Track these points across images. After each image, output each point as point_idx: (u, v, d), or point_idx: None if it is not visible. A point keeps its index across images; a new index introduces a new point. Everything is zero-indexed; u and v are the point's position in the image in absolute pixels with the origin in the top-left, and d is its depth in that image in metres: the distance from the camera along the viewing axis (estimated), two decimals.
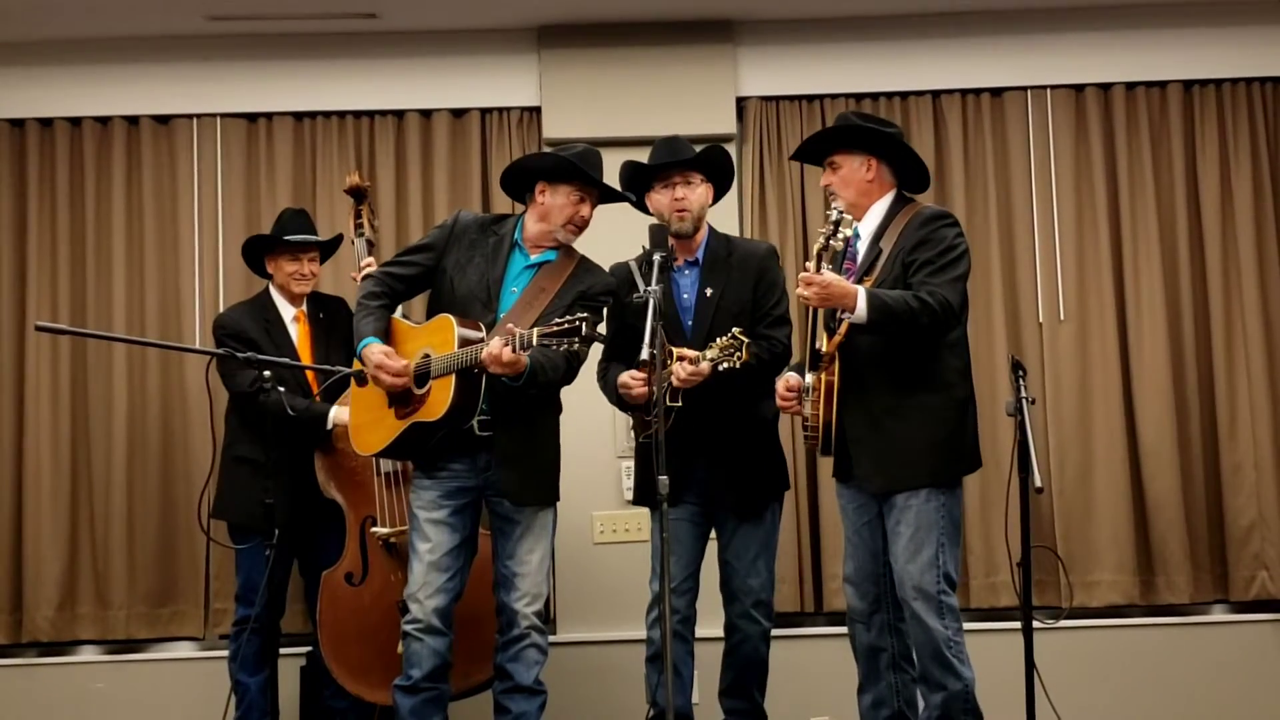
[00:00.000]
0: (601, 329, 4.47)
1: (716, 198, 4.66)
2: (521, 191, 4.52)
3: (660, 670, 4.41)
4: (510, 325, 4.12)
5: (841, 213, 4.00)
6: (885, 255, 4.12)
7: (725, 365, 4.16)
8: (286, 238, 5.07)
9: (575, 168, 4.36)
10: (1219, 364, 5.72)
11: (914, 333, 4.01)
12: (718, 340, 4.18)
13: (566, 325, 3.91)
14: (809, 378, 4.14)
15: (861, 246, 4.21)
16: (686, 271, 4.55)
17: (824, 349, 4.11)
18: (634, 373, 4.36)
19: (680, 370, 4.24)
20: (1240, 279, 5.74)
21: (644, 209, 4.63)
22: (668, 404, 4.27)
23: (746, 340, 4.14)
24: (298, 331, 5.09)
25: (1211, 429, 5.73)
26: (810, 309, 4.11)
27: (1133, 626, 5.63)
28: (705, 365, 4.22)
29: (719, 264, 4.52)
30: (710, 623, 4.67)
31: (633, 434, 4.63)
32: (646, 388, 4.27)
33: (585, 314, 3.94)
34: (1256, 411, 5.68)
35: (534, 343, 3.98)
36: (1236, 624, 5.65)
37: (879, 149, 4.22)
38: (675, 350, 4.30)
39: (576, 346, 3.94)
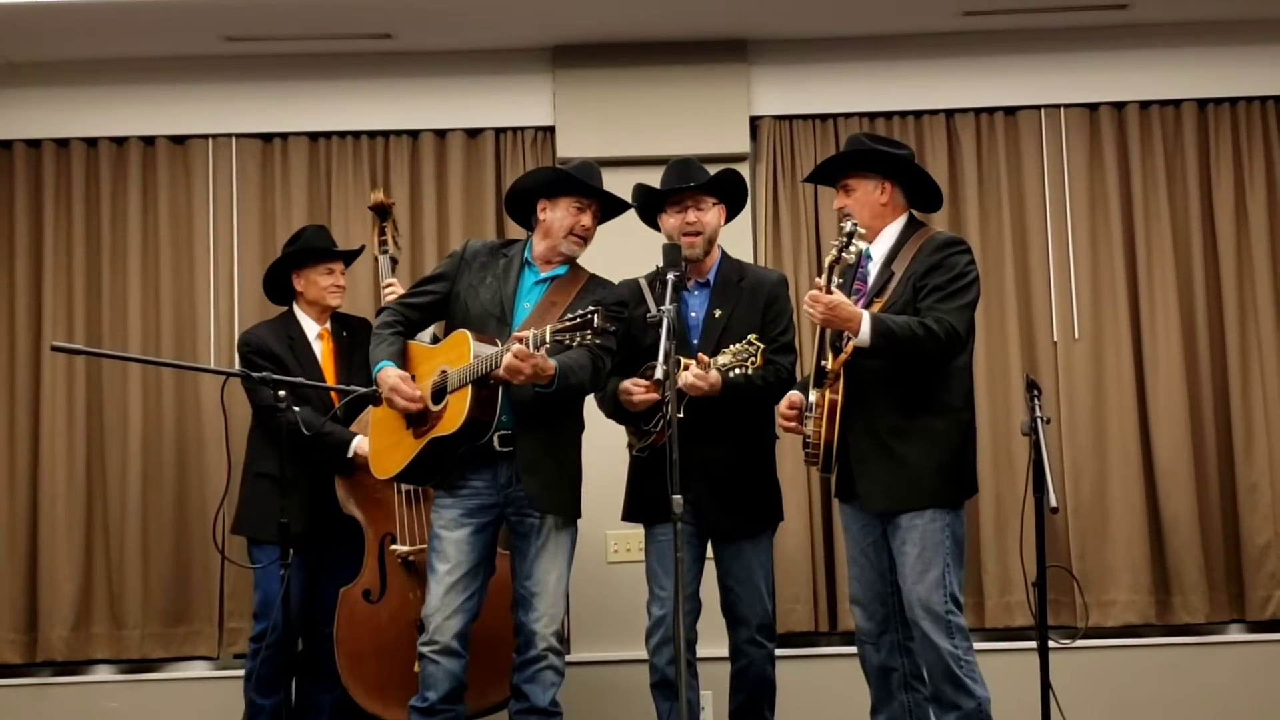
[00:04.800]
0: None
1: (730, 216, 4.68)
2: (526, 215, 4.56)
3: (667, 698, 4.43)
4: (518, 334, 4.13)
5: (855, 224, 4.01)
6: (897, 278, 4.13)
7: (738, 371, 4.16)
8: (334, 250, 5.12)
9: (569, 178, 4.41)
10: (1234, 382, 5.70)
11: (918, 359, 4.02)
12: (731, 347, 4.18)
13: (579, 319, 3.93)
14: (812, 395, 4.15)
15: (873, 269, 4.22)
16: (696, 292, 4.57)
17: (829, 366, 4.11)
18: (636, 380, 4.37)
19: (688, 375, 4.23)
20: (1255, 298, 5.73)
21: (655, 227, 4.65)
22: (670, 415, 4.28)
23: (762, 346, 4.14)
24: (322, 349, 5.11)
25: (1227, 448, 5.72)
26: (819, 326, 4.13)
27: (1149, 646, 5.61)
28: (714, 374, 4.22)
29: (730, 287, 4.54)
30: (714, 643, 4.67)
31: (628, 449, 4.62)
32: (648, 395, 4.28)
33: (595, 308, 3.94)
34: (1272, 430, 5.67)
35: (547, 340, 3.99)
36: (1253, 644, 5.63)
37: (893, 171, 4.23)
38: (683, 360, 4.29)
39: (590, 338, 3.95)
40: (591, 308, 3.94)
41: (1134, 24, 5.74)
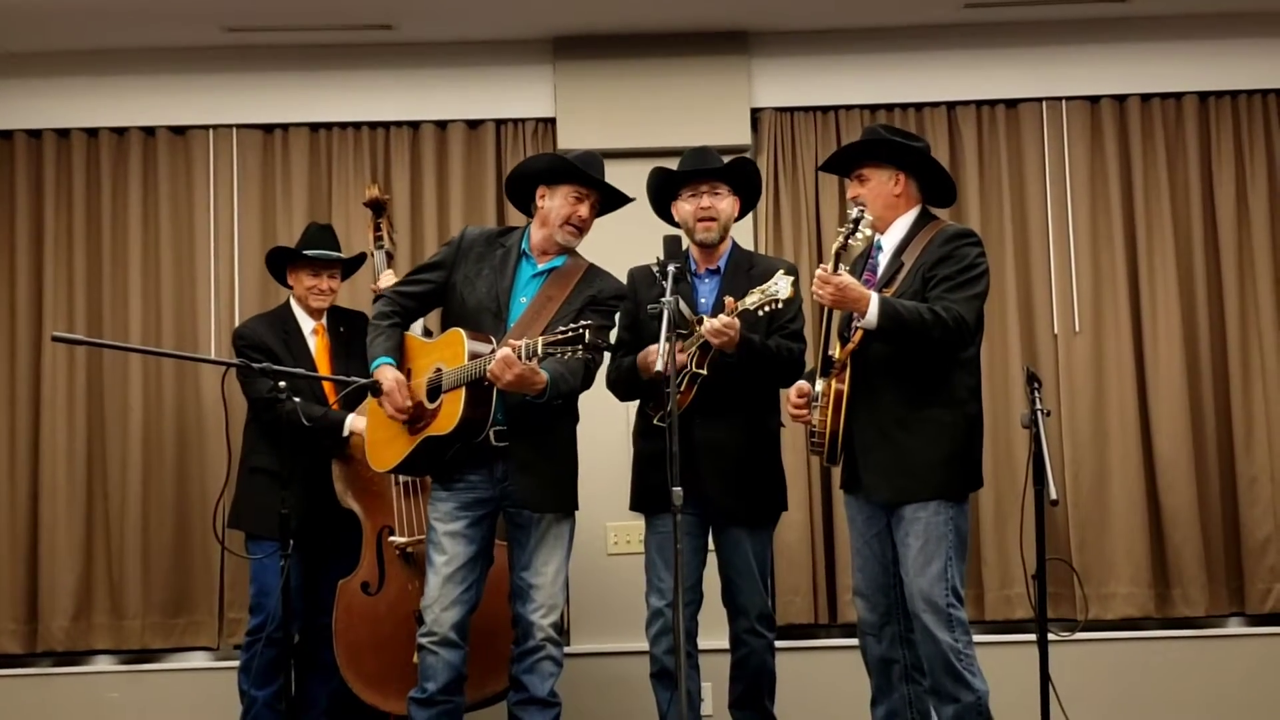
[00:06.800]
0: (613, 335, 4.48)
1: (743, 211, 4.68)
2: (526, 202, 4.55)
3: (667, 688, 4.43)
4: (511, 341, 4.13)
5: (862, 210, 4.01)
6: (906, 269, 4.13)
7: (766, 309, 4.16)
8: (307, 253, 5.08)
9: (570, 165, 4.40)
10: (1234, 376, 5.70)
11: (925, 345, 4.01)
12: (759, 288, 4.16)
13: (571, 333, 3.92)
14: (818, 384, 4.15)
15: (883, 259, 4.23)
16: (707, 279, 4.57)
17: (836, 356, 4.11)
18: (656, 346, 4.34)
19: (714, 322, 4.21)
20: (1256, 291, 5.73)
21: (668, 218, 4.65)
22: (694, 370, 4.30)
23: (792, 278, 4.12)
24: (316, 344, 5.11)
25: (1227, 441, 5.72)
26: (826, 316, 4.13)
27: (1148, 639, 5.61)
28: (737, 322, 4.20)
29: (740, 274, 4.52)
30: (714, 635, 4.67)
31: (641, 418, 4.58)
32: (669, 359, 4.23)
33: (589, 321, 3.94)
34: (1272, 423, 5.67)
35: (539, 352, 3.99)
36: (1252, 637, 5.63)
37: (908, 164, 4.23)
38: (704, 317, 4.30)
39: (581, 354, 3.95)
40: (585, 322, 3.93)
41: (1135, 16, 5.74)
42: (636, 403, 4.63)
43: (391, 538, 4.85)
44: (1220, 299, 5.76)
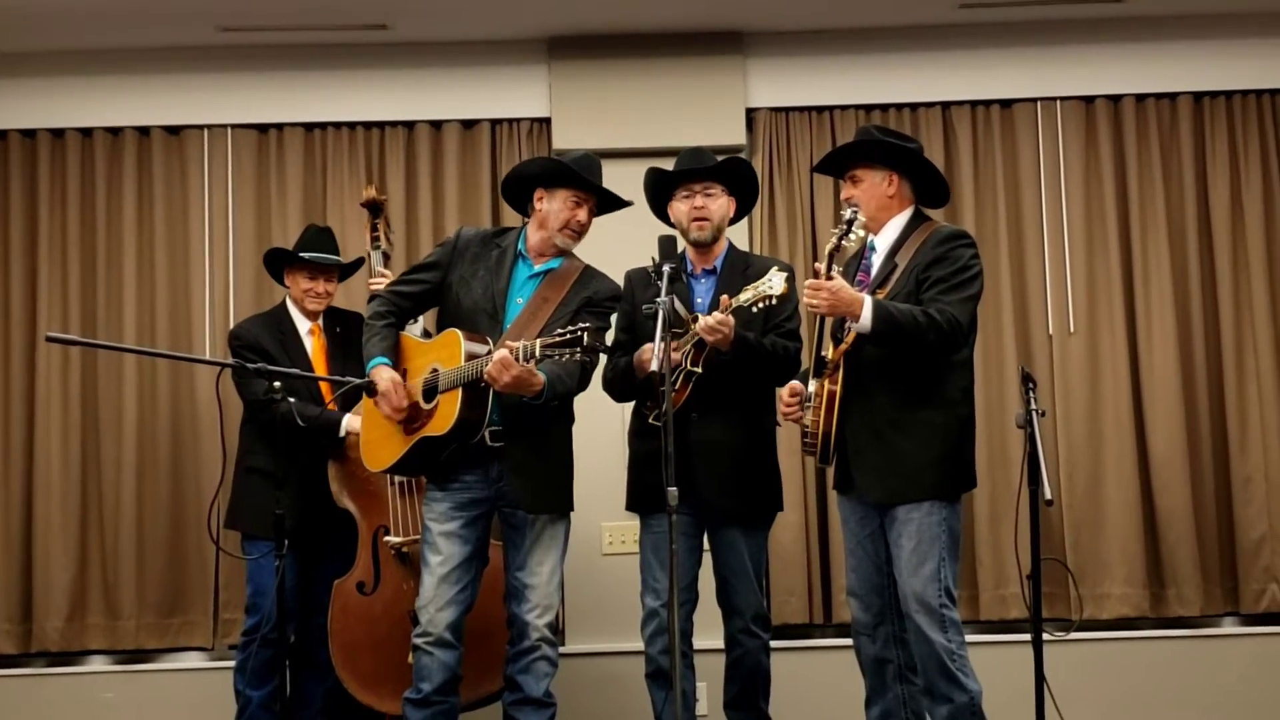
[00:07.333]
0: (609, 336, 4.48)
1: (741, 213, 4.67)
2: (523, 202, 4.55)
3: (662, 688, 4.43)
4: (509, 342, 4.13)
5: (856, 211, 4.01)
6: (900, 270, 4.13)
7: (760, 306, 4.15)
8: (304, 256, 5.08)
9: (569, 170, 4.39)
10: (1229, 376, 5.71)
11: (919, 347, 4.01)
12: (752, 284, 4.16)
13: (569, 336, 3.93)
14: (811, 385, 4.15)
15: (876, 260, 4.23)
16: (703, 279, 4.57)
17: (829, 356, 4.11)
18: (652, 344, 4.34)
19: (709, 320, 4.20)
20: (1250, 291, 5.73)
21: (666, 219, 4.65)
22: (689, 368, 4.30)
23: (784, 274, 4.11)
24: (312, 345, 5.11)
25: (1222, 441, 5.72)
26: (819, 315, 4.12)
27: (1143, 639, 5.61)
28: (731, 319, 4.19)
29: (736, 274, 4.51)
30: (710, 634, 4.67)
31: (637, 418, 4.58)
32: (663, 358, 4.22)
33: (587, 324, 3.94)
34: (1267, 423, 5.68)
35: (536, 354, 3.99)
36: (1247, 637, 5.64)
37: (901, 164, 4.23)
38: (699, 316, 4.30)
39: (579, 356, 3.95)
40: (583, 324, 3.94)
41: (1130, 17, 5.75)
42: (632, 403, 4.63)
43: (387, 538, 4.86)
44: (1215, 299, 5.76)
